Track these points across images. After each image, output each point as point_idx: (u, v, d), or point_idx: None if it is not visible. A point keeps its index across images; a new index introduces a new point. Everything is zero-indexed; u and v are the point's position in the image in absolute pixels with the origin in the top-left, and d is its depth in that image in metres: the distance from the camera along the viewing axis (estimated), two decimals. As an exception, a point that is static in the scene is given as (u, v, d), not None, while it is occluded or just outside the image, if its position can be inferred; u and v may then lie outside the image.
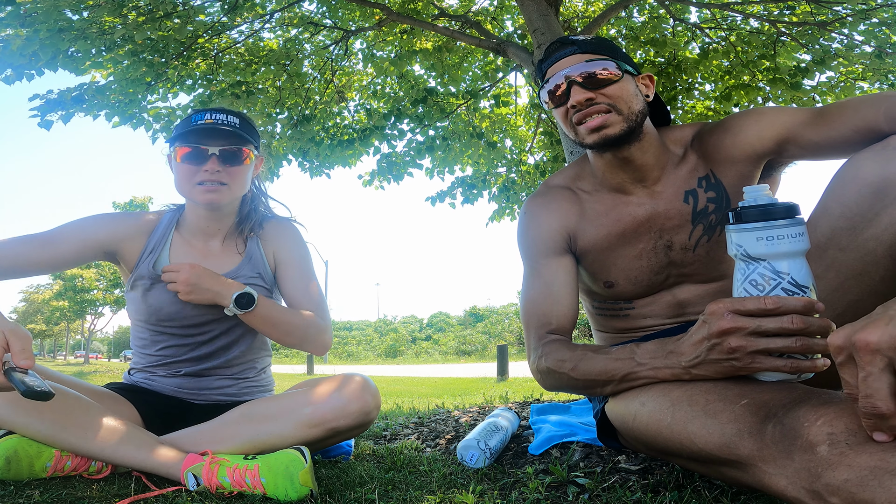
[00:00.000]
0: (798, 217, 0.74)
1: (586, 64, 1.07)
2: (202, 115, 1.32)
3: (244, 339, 1.43)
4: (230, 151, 1.31)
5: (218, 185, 1.30)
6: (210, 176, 1.29)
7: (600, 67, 1.06)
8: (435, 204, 5.99)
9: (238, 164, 1.33)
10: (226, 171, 1.31)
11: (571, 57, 1.09)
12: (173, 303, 1.32)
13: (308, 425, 1.12)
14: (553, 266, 1.15)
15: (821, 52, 4.05)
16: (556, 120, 1.17)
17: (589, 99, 1.06)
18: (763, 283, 0.74)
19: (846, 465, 0.55)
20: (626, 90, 1.07)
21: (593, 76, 1.06)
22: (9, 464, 1.05)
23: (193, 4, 3.82)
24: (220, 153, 1.30)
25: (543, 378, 1.07)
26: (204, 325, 1.36)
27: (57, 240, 1.29)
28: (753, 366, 0.74)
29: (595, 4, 5.41)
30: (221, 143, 1.30)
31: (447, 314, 52.92)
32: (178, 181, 1.33)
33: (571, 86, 1.07)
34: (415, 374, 13.73)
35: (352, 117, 5.54)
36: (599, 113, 1.06)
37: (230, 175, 1.32)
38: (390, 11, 4.40)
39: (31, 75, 3.46)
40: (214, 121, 1.30)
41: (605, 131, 1.06)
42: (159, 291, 1.33)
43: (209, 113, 1.32)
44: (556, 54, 1.12)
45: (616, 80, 1.07)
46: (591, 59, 1.08)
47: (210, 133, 1.30)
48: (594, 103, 1.06)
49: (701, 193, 1.11)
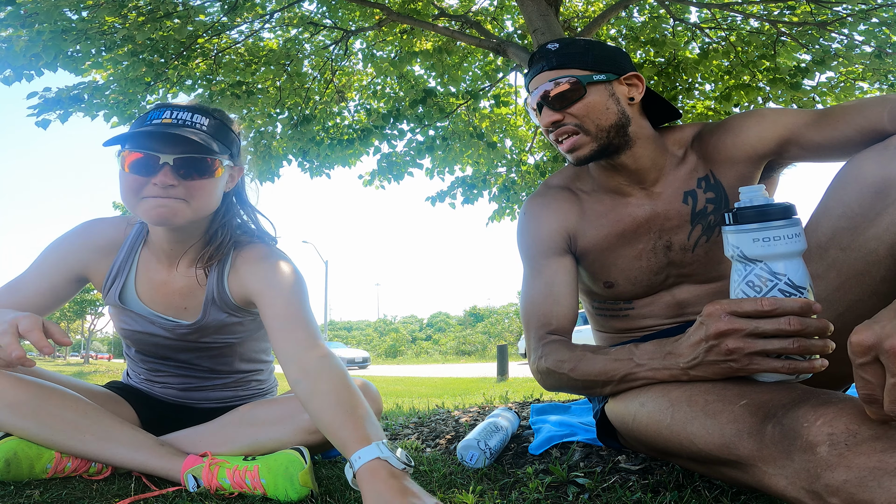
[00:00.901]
0: (794, 218, 0.73)
1: (550, 83, 1.07)
2: (161, 112, 1.07)
3: (233, 360, 1.36)
4: (190, 160, 1.05)
5: (171, 200, 1.05)
6: (160, 190, 1.03)
7: (563, 85, 1.06)
8: (435, 204, 5.99)
9: (201, 176, 1.07)
10: (184, 185, 1.06)
11: (542, 74, 1.10)
12: (147, 335, 1.25)
13: (308, 431, 1.12)
14: (553, 266, 1.15)
15: (821, 52, 4.05)
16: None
17: (556, 121, 1.07)
18: (760, 285, 0.74)
19: (845, 465, 0.56)
20: (593, 106, 1.06)
21: (558, 96, 1.06)
22: (8, 466, 1.04)
23: (193, 4, 3.82)
24: (177, 162, 1.04)
25: (543, 378, 1.07)
26: (184, 351, 1.29)
27: (22, 287, 1.17)
28: (751, 367, 0.74)
29: (595, 4, 5.41)
30: (180, 149, 1.04)
31: (447, 314, 52.95)
32: (123, 194, 1.07)
33: (542, 107, 1.08)
34: (415, 374, 13.73)
35: (352, 117, 5.54)
36: (568, 134, 1.07)
37: (190, 190, 1.06)
38: (390, 11, 4.40)
39: (30, 76, 3.46)
40: (174, 120, 1.06)
41: (577, 153, 1.07)
42: (130, 323, 1.25)
43: (170, 110, 1.07)
44: (532, 69, 1.13)
45: (580, 98, 1.06)
46: (556, 76, 1.07)
47: (166, 137, 1.04)
48: (562, 124, 1.07)
49: (700, 194, 1.11)
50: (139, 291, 1.24)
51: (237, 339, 1.31)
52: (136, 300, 1.25)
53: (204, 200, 1.10)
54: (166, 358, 1.32)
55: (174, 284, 1.22)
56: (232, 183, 1.21)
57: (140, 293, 1.24)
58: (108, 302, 1.26)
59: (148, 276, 1.23)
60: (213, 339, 1.27)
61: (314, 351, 1.04)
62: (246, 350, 1.38)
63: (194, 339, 1.26)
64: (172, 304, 1.24)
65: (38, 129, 3.72)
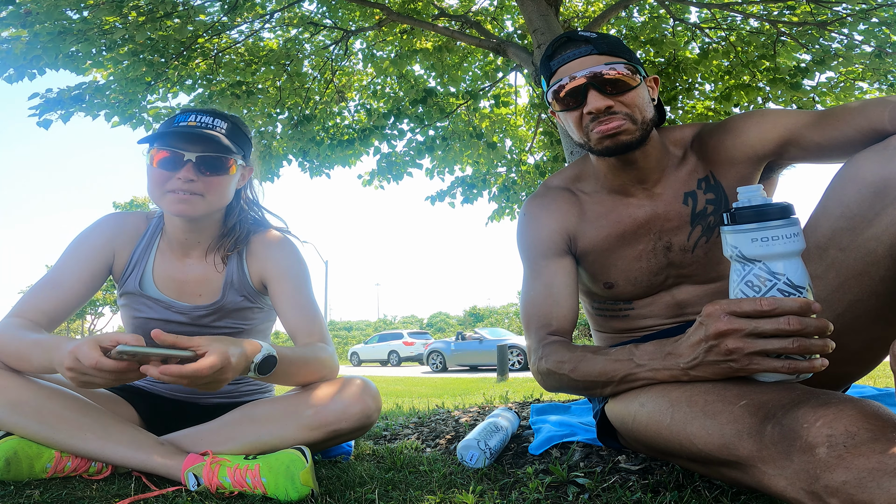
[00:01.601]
0: (793, 217, 0.73)
1: (605, 67, 1.02)
2: (186, 116, 1.22)
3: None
4: (210, 159, 1.20)
5: (190, 196, 1.19)
6: (183, 185, 1.18)
7: (620, 72, 1.02)
8: (435, 204, 6.00)
9: (218, 173, 1.22)
10: (202, 181, 1.20)
11: (588, 57, 1.04)
12: (161, 322, 1.32)
13: (309, 428, 1.12)
14: (553, 267, 1.15)
15: (821, 52, 4.05)
16: (560, 121, 1.13)
17: (608, 107, 1.01)
18: (759, 285, 0.74)
19: (844, 467, 0.56)
20: (642, 97, 1.04)
21: (613, 82, 1.02)
22: (8, 465, 1.05)
23: (193, 4, 3.82)
24: (198, 160, 1.18)
25: (543, 379, 1.07)
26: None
27: (62, 280, 1.24)
28: (751, 367, 0.74)
29: (595, 4, 5.42)
30: (201, 148, 1.19)
31: (447, 314, 52.90)
32: (150, 187, 1.22)
33: (589, 89, 1.02)
34: (415, 374, 13.73)
35: (352, 117, 5.55)
36: (617, 120, 1.02)
37: (207, 185, 1.21)
38: (390, 11, 4.40)
39: (32, 74, 3.47)
40: (198, 123, 1.20)
41: (621, 137, 1.02)
42: (146, 311, 1.33)
43: (194, 115, 1.22)
44: (569, 52, 1.06)
45: (635, 87, 1.03)
46: (609, 61, 1.03)
47: (190, 137, 1.19)
48: (613, 112, 1.02)
49: (700, 195, 1.11)
50: (156, 279, 1.34)
51: (248, 326, 1.41)
52: (153, 287, 1.34)
53: (218, 195, 1.24)
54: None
55: (189, 273, 1.34)
56: (243, 181, 1.36)
57: (157, 281, 1.34)
58: (128, 289, 1.33)
59: (164, 265, 1.34)
60: (227, 323, 1.37)
61: (309, 328, 1.27)
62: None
63: (209, 323, 1.35)
64: (187, 292, 1.34)
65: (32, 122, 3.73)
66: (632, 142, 1.04)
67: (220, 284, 1.33)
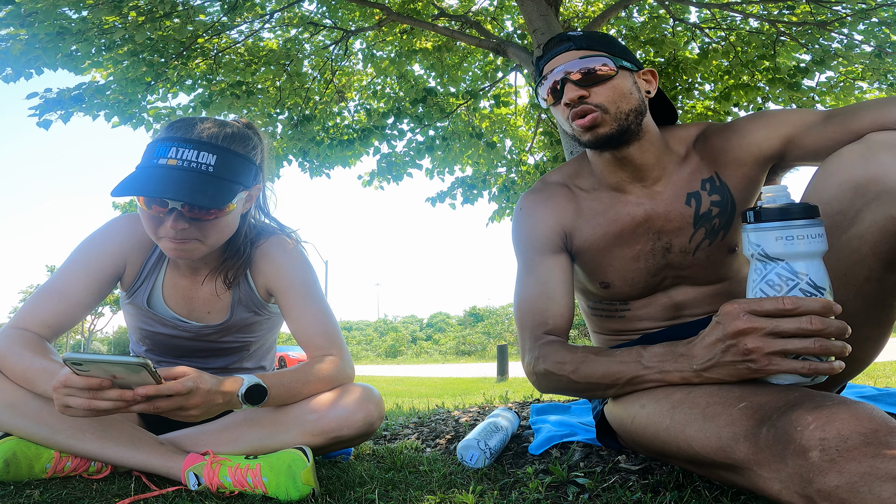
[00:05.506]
0: (817, 218, 0.73)
1: (580, 60, 1.04)
2: (166, 148, 1.04)
3: (242, 358, 1.43)
4: (199, 204, 1.04)
5: (186, 242, 1.09)
6: (174, 234, 1.06)
7: (594, 64, 1.04)
8: (435, 204, 6.00)
9: (212, 216, 1.09)
10: (196, 226, 1.08)
11: (567, 53, 1.07)
12: (167, 337, 1.31)
13: (312, 433, 1.12)
14: (548, 264, 1.12)
15: (820, 51, 4.05)
16: (556, 118, 1.14)
17: (581, 97, 1.03)
18: (780, 284, 0.73)
19: (837, 471, 0.56)
20: (619, 88, 1.04)
21: (586, 73, 1.04)
22: (8, 466, 1.04)
23: (193, 4, 3.82)
24: (185, 207, 1.05)
25: (539, 380, 1.04)
26: (199, 352, 1.36)
27: (68, 290, 1.18)
28: (770, 368, 0.73)
29: (595, 4, 5.42)
30: (187, 191, 1.01)
31: (447, 314, 52.94)
32: (145, 227, 1.12)
33: (565, 83, 1.05)
34: (415, 374, 13.72)
35: (352, 117, 5.55)
36: (590, 112, 1.03)
37: (202, 229, 1.09)
38: (390, 11, 4.40)
39: (29, 74, 3.47)
40: (179, 161, 1.03)
41: (597, 130, 1.03)
42: (153, 325, 1.32)
43: (175, 146, 1.04)
44: (553, 50, 1.10)
45: (609, 77, 1.04)
46: (585, 55, 1.05)
47: (173, 181, 1.02)
48: (585, 101, 1.03)
49: (704, 196, 1.08)
50: (166, 296, 1.30)
51: (255, 338, 1.39)
52: (162, 305, 1.31)
53: (218, 236, 1.15)
54: (180, 357, 1.36)
55: (199, 292, 1.30)
56: (249, 203, 1.24)
57: (167, 298, 1.31)
58: (135, 303, 1.29)
59: (174, 280, 1.30)
60: (234, 337, 1.35)
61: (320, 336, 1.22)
62: (255, 350, 1.45)
63: (215, 339, 1.33)
64: (196, 310, 1.31)
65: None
66: (611, 133, 1.03)
67: (228, 302, 1.31)
